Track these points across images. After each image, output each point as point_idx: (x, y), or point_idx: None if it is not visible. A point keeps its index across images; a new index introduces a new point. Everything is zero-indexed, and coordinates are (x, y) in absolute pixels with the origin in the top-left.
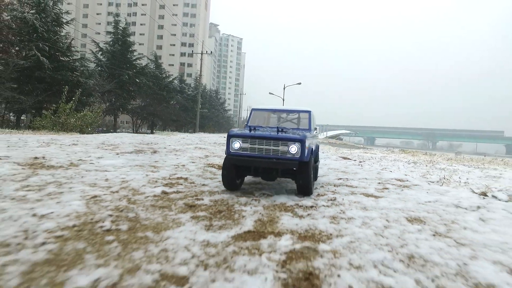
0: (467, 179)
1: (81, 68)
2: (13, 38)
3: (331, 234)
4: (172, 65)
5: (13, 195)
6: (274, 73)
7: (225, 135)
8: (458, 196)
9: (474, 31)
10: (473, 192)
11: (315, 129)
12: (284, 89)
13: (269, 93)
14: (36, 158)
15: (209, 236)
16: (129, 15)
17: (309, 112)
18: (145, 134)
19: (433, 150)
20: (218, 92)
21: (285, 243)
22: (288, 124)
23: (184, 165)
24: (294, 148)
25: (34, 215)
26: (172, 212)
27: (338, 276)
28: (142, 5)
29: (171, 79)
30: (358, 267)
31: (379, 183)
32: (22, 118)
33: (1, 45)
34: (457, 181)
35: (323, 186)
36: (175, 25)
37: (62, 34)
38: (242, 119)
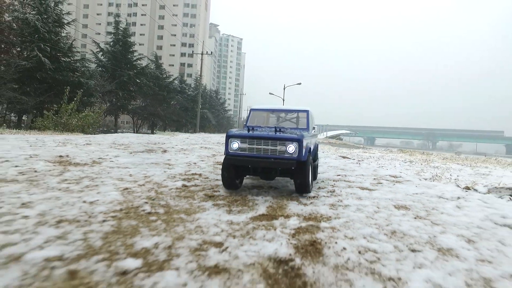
0: (458, 176)
1: (82, 69)
2: (14, 39)
3: (330, 217)
4: (172, 65)
5: (58, 187)
6: (274, 73)
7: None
8: (443, 190)
9: (474, 31)
10: (458, 186)
11: (314, 128)
12: (284, 89)
13: (269, 93)
14: (61, 156)
15: (231, 217)
16: (129, 15)
17: (307, 111)
18: (150, 135)
19: (433, 150)
20: (218, 92)
21: (293, 222)
22: (286, 123)
23: (195, 163)
24: (291, 148)
25: (84, 201)
26: (196, 201)
27: (336, 243)
28: (142, 5)
29: (171, 79)
30: (351, 238)
31: (374, 178)
32: (23, 118)
33: (2, 46)
34: (448, 178)
35: (323, 181)
36: (175, 25)
37: (63, 35)
38: (242, 119)
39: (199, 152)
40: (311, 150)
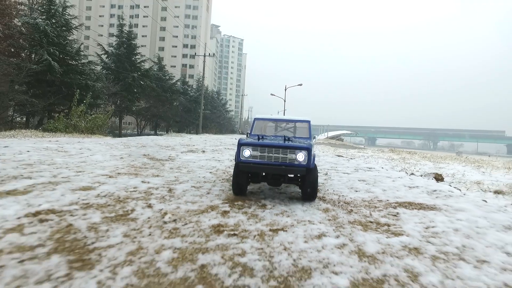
0: (420, 169)
1: (88, 71)
2: (24, 43)
3: (323, 183)
4: (174, 66)
5: (167, 173)
6: (276, 74)
7: (231, 136)
8: (394, 174)
9: (477, 32)
10: (406, 173)
11: (314, 137)
12: (285, 90)
13: (271, 94)
14: (146, 155)
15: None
16: (131, 17)
17: (308, 122)
18: (166, 136)
19: (434, 150)
20: (219, 93)
21: None
22: (286, 132)
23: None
24: (301, 156)
25: (199, 176)
26: None
27: (327, 190)
28: (144, 7)
29: (174, 81)
30: (332, 189)
31: (355, 169)
32: (30, 120)
33: (12, 50)
34: (411, 169)
35: (321, 170)
36: (177, 26)
37: (71, 38)
38: (243, 119)
39: (228, 152)
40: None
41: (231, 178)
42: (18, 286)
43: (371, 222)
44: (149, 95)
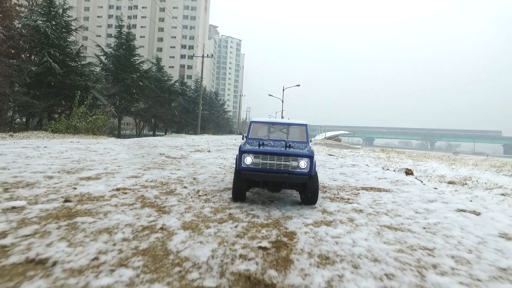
0: (399, 166)
1: (88, 73)
2: (24, 45)
3: None
4: (172, 67)
5: (186, 167)
6: (273, 74)
7: (230, 136)
8: (370, 169)
9: (473, 32)
10: (382, 168)
11: (311, 140)
12: (283, 91)
13: (269, 94)
14: (162, 154)
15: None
16: (129, 17)
17: (305, 125)
18: (170, 137)
19: (431, 150)
20: (217, 93)
21: None
22: (284, 136)
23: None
24: (303, 163)
25: (211, 170)
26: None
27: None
28: (143, 7)
29: (172, 81)
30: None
31: (340, 165)
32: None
33: (13, 51)
34: (391, 166)
35: None
36: (175, 27)
37: (71, 40)
38: (241, 120)
39: (231, 151)
40: None
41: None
42: (138, 218)
43: (337, 197)
44: (148, 96)
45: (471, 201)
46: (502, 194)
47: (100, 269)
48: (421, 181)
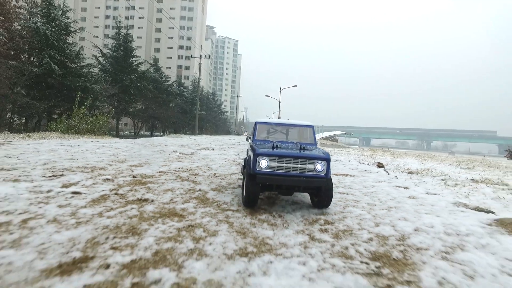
0: (377, 161)
1: (86, 74)
2: (23, 46)
3: None
4: (170, 67)
5: (198, 161)
6: (270, 74)
7: (228, 136)
8: (348, 163)
9: (469, 32)
10: (359, 162)
11: (316, 142)
12: (280, 91)
13: (266, 95)
14: (175, 151)
15: None
16: (126, 18)
17: (312, 127)
18: (174, 138)
19: (428, 150)
20: (215, 94)
21: None
22: (290, 138)
23: (238, 155)
24: (319, 166)
25: (220, 162)
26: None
27: None
28: (140, 8)
29: (170, 82)
30: None
31: None
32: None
33: (13, 53)
34: (369, 161)
35: None
36: (173, 28)
37: (70, 42)
38: (238, 120)
39: (231, 149)
40: None
41: (240, 167)
42: (183, 186)
43: None
44: (145, 97)
45: (417, 186)
46: (442, 180)
47: (176, 203)
48: (387, 172)
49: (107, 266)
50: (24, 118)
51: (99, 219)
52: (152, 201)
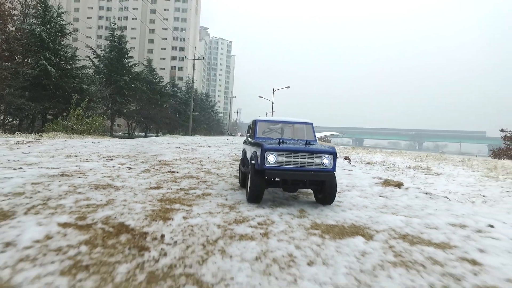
0: (348, 155)
1: (81, 75)
2: (18, 47)
3: None
4: (163, 68)
5: (199, 154)
6: (263, 75)
7: (222, 137)
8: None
9: (460, 32)
10: (343, 158)
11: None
12: (273, 92)
13: (259, 96)
14: (178, 147)
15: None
16: (120, 19)
17: (311, 124)
18: (173, 138)
19: (419, 150)
20: (208, 95)
21: None
22: (291, 135)
23: (231, 151)
24: (326, 160)
25: (217, 155)
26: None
27: None
28: (133, 9)
29: (164, 83)
30: None
31: None
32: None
33: (7, 54)
34: (341, 156)
35: None
36: (166, 29)
37: (65, 43)
38: (232, 121)
39: (226, 147)
40: None
41: (231, 159)
42: (193, 166)
43: None
44: (140, 98)
45: (361, 170)
46: (388, 168)
47: (192, 173)
48: (350, 162)
49: (170, 188)
50: (18, 119)
51: (152, 179)
52: (178, 171)
